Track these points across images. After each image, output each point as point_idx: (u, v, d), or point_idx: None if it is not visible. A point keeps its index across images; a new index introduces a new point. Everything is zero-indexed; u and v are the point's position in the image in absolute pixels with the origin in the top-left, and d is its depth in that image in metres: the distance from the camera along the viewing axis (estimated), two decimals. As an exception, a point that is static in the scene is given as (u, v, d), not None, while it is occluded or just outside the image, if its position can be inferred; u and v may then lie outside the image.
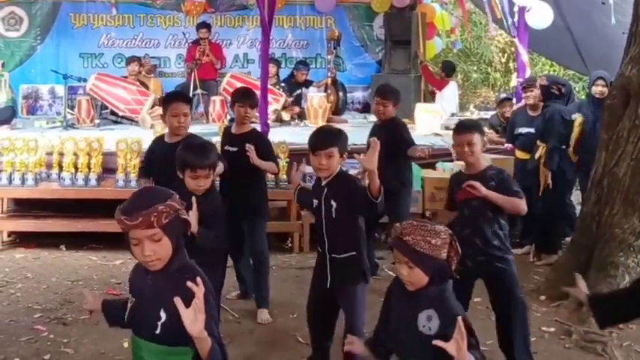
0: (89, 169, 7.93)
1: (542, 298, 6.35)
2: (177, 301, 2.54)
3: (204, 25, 12.46)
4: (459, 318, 2.74)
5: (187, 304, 2.55)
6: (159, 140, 5.87)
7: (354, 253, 4.48)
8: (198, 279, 2.61)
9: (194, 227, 4.09)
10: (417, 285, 2.96)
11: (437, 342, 2.71)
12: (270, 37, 9.09)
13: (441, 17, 13.90)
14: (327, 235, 4.49)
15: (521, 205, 4.72)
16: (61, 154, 8.03)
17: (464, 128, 4.84)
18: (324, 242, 4.52)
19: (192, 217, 4.06)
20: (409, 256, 2.91)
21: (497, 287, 4.81)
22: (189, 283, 2.58)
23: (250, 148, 5.70)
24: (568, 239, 7.33)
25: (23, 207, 8.25)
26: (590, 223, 6.39)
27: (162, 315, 2.76)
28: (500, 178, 4.70)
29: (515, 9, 9.85)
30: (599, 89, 7.63)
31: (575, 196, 8.57)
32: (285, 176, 7.88)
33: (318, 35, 13.84)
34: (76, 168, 7.94)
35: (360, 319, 4.52)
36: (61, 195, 7.95)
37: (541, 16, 9.67)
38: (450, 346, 2.67)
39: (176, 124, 5.44)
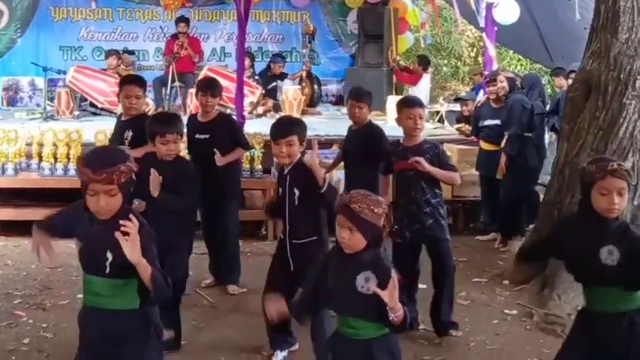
0: (68, 159, 7.98)
1: (506, 282, 6.54)
2: (118, 235, 2.96)
3: (183, 20, 12.62)
4: (393, 272, 3.09)
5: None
6: (118, 118, 6.29)
7: (315, 237, 4.60)
8: (132, 216, 3.04)
9: (154, 191, 4.60)
10: (355, 248, 3.22)
11: (375, 289, 3.05)
12: (247, 32, 9.27)
13: (413, 13, 14.11)
14: (290, 221, 4.60)
15: (456, 177, 5.20)
16: (41, 145, 8.08)
17: (416, 103, 5.26)
18: (285, 228, 4.65)
19: (154, 181, 4.59)
20: (353, 222, 3.18)
21: (431, 253, 5.28)
22: (121, 221, 2.98)
23: (217, 154, 5.97)
24: (532, 226, 7.49)
25: (3, 196, 8.21)
26: (552, 210, 6.52)
27: (109, 256, 3.12)
28: (436, 152, 5.10)
29: (484, 5, 10.08)
30: None
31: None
32: (259, 166, 8.01)
33: (294, 29, 14.07)
34: (56, 158, 8.00)
35: None
36: (40, 184, 8.00)
37: (508, 12, 9.94)
38: (384, 294, 3.01)
39: (127, 105, 5.83)
